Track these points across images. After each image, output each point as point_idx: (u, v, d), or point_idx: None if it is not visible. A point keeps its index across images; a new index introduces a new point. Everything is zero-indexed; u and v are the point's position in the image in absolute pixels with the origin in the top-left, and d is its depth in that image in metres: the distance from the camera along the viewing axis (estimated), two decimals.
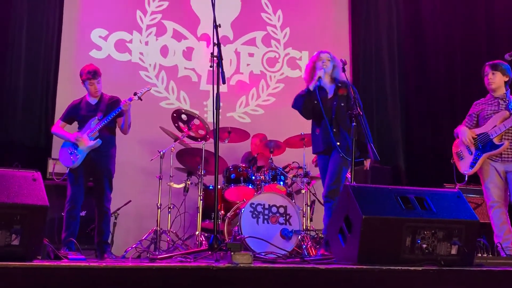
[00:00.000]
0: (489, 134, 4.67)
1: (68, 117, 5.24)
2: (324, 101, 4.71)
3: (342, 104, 4.67)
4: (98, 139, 5.01)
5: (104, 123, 5.03)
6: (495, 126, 4.64)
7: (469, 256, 3.29)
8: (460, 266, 3.18)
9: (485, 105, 4.82)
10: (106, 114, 5.06)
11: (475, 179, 5.13)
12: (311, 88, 4.71)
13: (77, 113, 5.18)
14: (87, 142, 4.97)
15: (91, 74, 5.09)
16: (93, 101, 5.19)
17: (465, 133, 4.79)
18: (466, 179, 5.04)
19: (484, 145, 4.68)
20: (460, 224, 3.28)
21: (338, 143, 4.57)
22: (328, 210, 4.53)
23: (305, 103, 4.74)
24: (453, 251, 3.26)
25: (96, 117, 5.07)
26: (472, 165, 4.72)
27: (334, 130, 4.63)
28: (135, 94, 5.18)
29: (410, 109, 7.79)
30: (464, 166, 4.82)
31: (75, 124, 5.27)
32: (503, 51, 4.92)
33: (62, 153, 5.07)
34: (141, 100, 5.25)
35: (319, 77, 4.71)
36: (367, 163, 4.87)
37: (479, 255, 3.61)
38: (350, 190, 3.30)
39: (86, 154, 4.99)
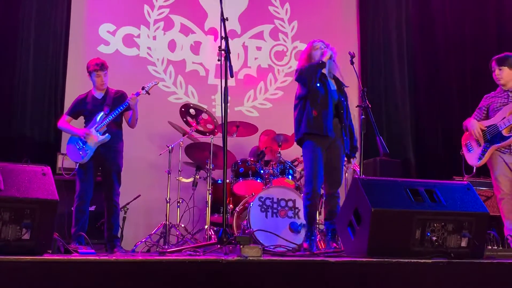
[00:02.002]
0: (498, 126, 4.64)
1: (74, 112, 5.23)
2: (327, 90, 4.58)
3: (342, 99, 4.64)
4: (107, 134, 5.01)
5: (111, 117, 5.02)
6: (504, 118, 4.62)
7: (479, 249, 3.28)
8: (470, 259, 3.17)
9: (495, 98, 4.80)
10: (113, 108, 5.05)
11: (485, 171, 5.11)
12: (325, 60, 4.52)
13: (84, 108, 5.17)
14: (96, 137, 4.98)
15: (98, 66, 5.09)
16: (99, 95, 5.18)
17: (474, 126, 4.77)
18: (475, 171, 5.02)
19: (493, 137, 4.66)
20: (470, 216, 3.27)
21: (342, 137, 4.55)
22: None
23: (315, 72, 4.50)
24: (463, 244, 3.25)
25: (103, 111, 5.06)
26: (481, 157, 4.71)
27: (337, 119, 4.57)
28: (142, 88, 5.18)
29: (419, 102, 7.74)
30: (472, 158, 4.81)
31: (81, 118, 5.26)
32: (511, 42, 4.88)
33: (70, 149, 5.06)
34: (149, 94, 5.24)
35: (331, 55, 4.55)
36: (351, 163, 4.84)
37: (489, 247, 3.59)
38: (359, 183, 3.29)
39: (95, 149, 5.00)
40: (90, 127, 5.03)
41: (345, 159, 4.72)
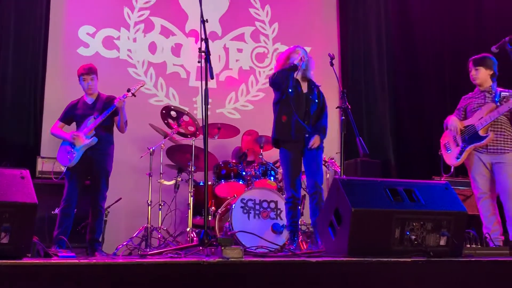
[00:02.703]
0: (475, 126, 4.71)
1: (66, 118, 5.25)
2: (299, 93, 4.69)
3: (316, 101, 4.73)
4: (94, 137, 5.01)
5: (99, 121, 5.02)
6: (481, 118, 4.69)
7: (458, 247, 3.32)
8: (449, 257, 3.20)
9: (472, 99, 4.88)
10: (101, 112, 5.06)
11: (464, 171, 5.18)
12: (296, 63, 4.62)
13: (75, 113, 5.19)
14: (83, 140, 4.98)
15: (85, 70, 5.12)
16: (90, 100, 5.19)
17: (454, 122, 4.85)
18: (453, 170, 5.08)
19: (470, 137, 4.73)
20: (449, 215, 3.31)
21: (307, 136, 4.63)
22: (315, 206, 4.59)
23: (287, 77, 4.63)
24: (442, 242, 3.28)
25: (92, 116, 5.07)
26: (458, 156, 4.78)
27: (306, 122, 4.66)
28: (128, 90, 5.16)
29: (399, 103, 7.82)
30: (450, 158, 4.88)
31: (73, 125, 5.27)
32: (491, 45, 4.95)
33: (60, 153, 5.09)
34: (135, 96, 5.24)
35: (302, 59, 4.64)
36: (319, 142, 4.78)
37: (468, 246, 3.63)
38: (340, 183, 3.32)
39: (83, 153, 4.99)
40: (79, 131, 5.06)
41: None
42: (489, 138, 4.63)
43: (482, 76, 4.79)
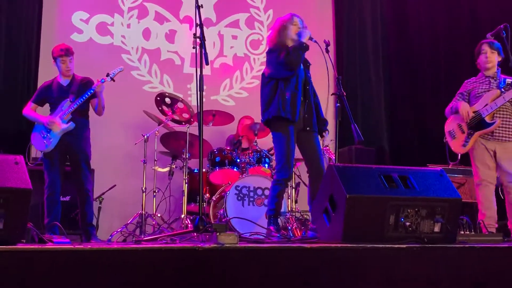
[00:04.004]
0: (481, 112, 4.70)
1: (40, 99, 5.11)
2: (299, 71, 4.47)
3: (309, 75, 4.57)
4: (71, 122, 4.90)
5: (76, 105, 4.90)
6: (487, 104, 4.67)
7: (452, 233, 3.33)
8: (443, 243, 3.22)
9: (476, 84, 4.83)
10: (78, 96, 4.94)
11: (464, 158, 5.16)
12: (305, 41, 4.39)
13: (49, 95, 5.05)
14: (60, 125, 4.87)
15: (63, 51, 4.99)
16: (64, 82, 5.06)
17: (466, 106, 4.76)
18: (459, 157, 5.06)
19: (477, 123, 4.71)
20: (443, 202, 3.32)
21: (306, 116, 4.45)
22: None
23: (302, 58, 4.38)
24: (436, 229, 3.29)
25: (68, 99, 4.94)
26: (465, 144, 4.75)
27: (307, 101, 4.47)
28: (107, 75, 5.08)
29: (393, 91, 7.83)
30: (456, 145, 4.84)
31: (47, 106, 5.15)
32: (486, 30, 4.96)
33: (35, 137, 4.96)
34: (114, 81, 5.12)
35: (310, 36, 4.44)
36: (324, 136, 4.70)
37: (462, 232, 3.65)
38: (335, 170, 3.32)
39: (60, 138, 4.89)
40: (55, 115, 4.92)
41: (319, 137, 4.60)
42: (496, 125, 4.62)
43: (494, 60, 4.75)
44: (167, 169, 6.05)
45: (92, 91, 4.93)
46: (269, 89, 4.45)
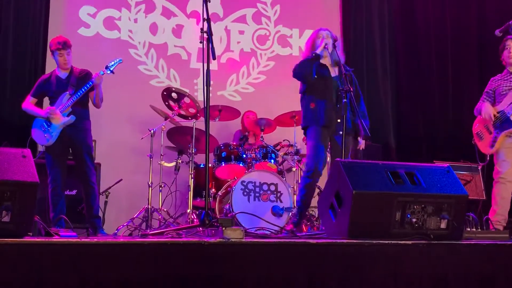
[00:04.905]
0: (506, 112, 4.65)
1: (39, 93, 5.09)
2: (326, 78, 4.59)
3: (342, 81, 4.57)
4: (71, 115, 4.88)
5: (76, 98, 4.88)
6: (511, 103, 4.63)
7: (458, 230, 3.32)
8: (449, 240, 3.21)
9: (501, 81, 4.80)
10: (77, 88, 4.92)
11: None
12: (318, 52, 4.53)
13: (48, 89, 5.03)
14: (60, 118, 4.86)
15: (61, 45, 4.95)
16: (63, 75, 5.04)
17: (488, 109, 4.76)
18: (488, 158, 5.03)
19: (502, 123, 4.67)
20: (449, 198, 3.31)
21: (339, 121, 4.50)
22: None
23: (310, 67, 4.54)
24: (443, 226, 3.29)
25: (67, 92, 4.92)
26: (493, 144, 4.72)
27: (338, 106, 4.52)
28: (106, 67, 5.07)
29: (400, 86, 7.79)
30: (485, 146, 4.82)
31: (46, 100, 5.15)
32: (494, 26, 4.92)
33: (36, 132, 4.95)
34: (113, 73, 5.09)
35: (326, 44, 4.53)
36: (361, 143, 4.76)
37: (468, 229, 3.64)
38: (341, 165, 3.31)
39: (61, 131, 4.89)
40: (55, 108, 4.92)
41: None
42: None
43: None
44: (173, 164, 6.05)
45: (91, 84, 4.91)
46: (303, 102, 4.72)
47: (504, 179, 4.64)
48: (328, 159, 5.75)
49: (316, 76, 4.55)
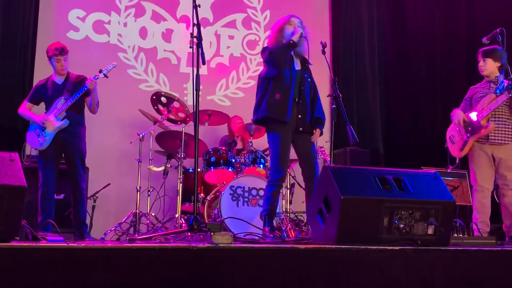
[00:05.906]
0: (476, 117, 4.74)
1: (35, 98, 5.14)
2: (293, 71, 4.48)
3: (309, 80, 4.57)
4: (65, 120, 4.93)
5: (70, 103, 4.93)
6: (483, 109, 4.71)
7: (445, 236, 3.34)
8: (437, 246, 3.23)
9: (478, 88, 4.92)
10: (72, 93, 4.96)
11: (463, 162, 5.21)
12: (295, 40, 4.40)
13: (44, 94, 5.08)
14: (54, 123, 4.90)
15: (58, 51, 5.00)
16: (59, 80, 5.09)
17: (458, 116, 4.89)
18: (458, 161, 5.11)
19: (473, 128, 4.75)
20: (437, 204, 3.33)
21: (300, 116, 4.42)
22: None
23: (285, 54, 4.38)
24: (430, 231, 3.30)
25: (63, 97, 4.97)
26: (462, 148, 4.82)
27: (301, 101, 4.46)
28: (100, 71, 5.10)
29: (389, 92, 7.85)
30: (455, 150, 4.93)
31: (42, 105, 5.16)
32: (481, 35, 4.99)
33: (30, 136, 5.00)
34: (107, 77, 5.14)
35: (301, 34, 4.43)
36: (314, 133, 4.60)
37: (455, 235, 3.67)
38: (329, 171, 3.32)
39: (55, 135, 4.91)
40: (49, 113, 4.96)
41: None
42: (489, 128, 4.66)
43: (489, 67, 4.83)
44: (162, 168, 6.04)
45: (85, 89, 4.95)
46: (261, 90, 4.51)
47: (482, 186, 4.71)
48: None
49: (286, 68, 4.41)
